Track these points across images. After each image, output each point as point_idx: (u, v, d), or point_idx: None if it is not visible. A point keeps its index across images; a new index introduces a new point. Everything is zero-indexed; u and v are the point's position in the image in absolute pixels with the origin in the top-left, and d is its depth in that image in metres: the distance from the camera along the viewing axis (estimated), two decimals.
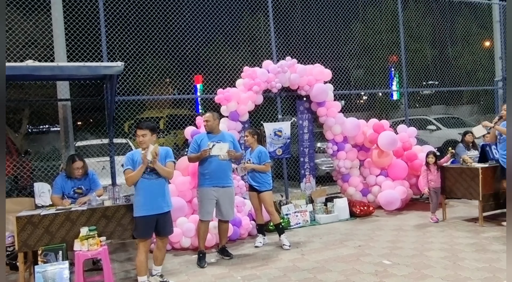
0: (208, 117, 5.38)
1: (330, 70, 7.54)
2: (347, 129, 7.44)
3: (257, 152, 5.87)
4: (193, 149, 5.40)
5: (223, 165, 5.32)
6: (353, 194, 7.59)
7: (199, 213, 5.38)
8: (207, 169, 5.29)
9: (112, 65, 4.93)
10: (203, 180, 5.32)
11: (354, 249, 5.46)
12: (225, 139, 5.39)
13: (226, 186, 5.35)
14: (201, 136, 5.46)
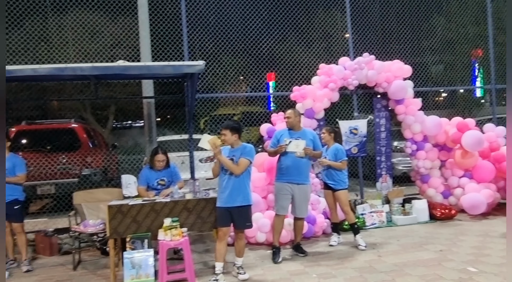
0: (289, 113, 5.43)
1: (409, 66, 7.23)
2: (428, 128, 7.09)
3: (334, 149, 5.83)
4: (272, 143, 5.51)
5: (300, 162, 5.32)
6: (433, 195, 7.22)
7: (274, 207, 5.48)
8: (283, 164, 5.36)
9: (194, 64, 5.15)
10: (279, 175, 5.40)
11: (435, 254, 5.21)
12: (306, 137, 5.38)
13: (301, 183, 5.36)
14: (281, 132, 5.52)
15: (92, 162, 8.57)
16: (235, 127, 4.74)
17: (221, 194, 4.71)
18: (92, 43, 9.71)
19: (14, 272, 5.31)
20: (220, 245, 4.68)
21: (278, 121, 6.73)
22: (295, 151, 5.25)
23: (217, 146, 4.58)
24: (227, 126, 4.72)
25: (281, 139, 5.36)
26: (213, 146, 4.56)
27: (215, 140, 4.57)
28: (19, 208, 5.46)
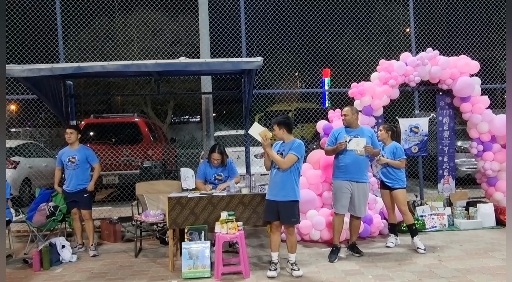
0: (346, 111, 5.34)
1: (477, 62, 6.82)
2: (497, 128, 6.66)
3: (392, 147, 5.67)
4: (330, 142, 5.44)
5: (359, 160, 5.23)
6: (501, 199, 6.78)
7: (334, 206, 5.41)
8: (342, 162, 5.27)
9: (253, 60, 5.19)
10: (338, 173, 5.32)
11: (502, 261, 4.90)
12: (364, 135, 5.28)
13: (360, 181, 5.26)
14: (338, 130, 5.44)
15: (152, 154, 8.93)
16: (282, 121, 4.73)
17: (269, 187, 4.76)
18: (155, 40, 10.09)
19: (81, 256, 5.67)
20: (274, 236, 4.73)
21: (335, 119, 6.63)
22: (355, 148, 5.16)
23: (267, 138, 4.61)
24: (276, 121, 4.76)
25: (339, 137, 5.28)
26: (264, 137, 4.59)
27: (266, 132, 4.60)
28: (88, 196, 5.82)
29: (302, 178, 6.19)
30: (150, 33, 10.35)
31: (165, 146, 10.23)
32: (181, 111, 18.86)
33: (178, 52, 8.67)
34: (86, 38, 8.65)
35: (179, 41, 9.51)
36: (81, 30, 8.17)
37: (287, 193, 4.63)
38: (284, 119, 4.78)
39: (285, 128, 4.71)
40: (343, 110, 5.41)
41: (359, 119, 5.55)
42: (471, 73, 6.82)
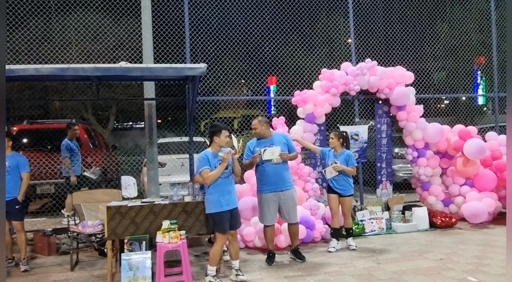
0: (255, 125, 5.35)
1: (412, 73, 7.22)
2: (429, 135, 7.07)
3: (345, 154, 5.84)
4: (247, 156, 5.38)
5: (279, 168, 5.26)
6: (434, 203, 7.19)
7: (261, 219, 5.38)
8: (263, 174, 5.28)
9: (196, 67, 5.14)
10: (262, 186, 5.31)
11: (435, 262, 5.17)
12: (278, 142, 5.31)
13: (285, 189, 5.30)
14: (253, 142, 5.41)
15: (92, 162, 8.55)
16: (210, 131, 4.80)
17: (222, 197, 4.65)
18: (95, 44, 9.72)
19: (12, 271, 5.28)
20: (219, 248, 4.68)
21: (279, 126, 6.72)
22: (271, 158, 5.19)
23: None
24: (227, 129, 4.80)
25: (255, 150, 5.29)
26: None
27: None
28: (20, 206, 5.45)
29: (246, 185, 6.22)
30: (90, 36, 9.97)
31: (105, 153, 9.85)
32: (124, 117, 18.29)
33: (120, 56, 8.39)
34: (19, 39, 8.14)
35: (121, 45, 9.23)
36: (15, 31, 7.69)
37: (237, 198, 4.87)
38: (213, 127, 4.83)
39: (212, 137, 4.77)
40: (252, 124, 5.40)
41: (269, 128, 5.54)
42: (406, 83, 7.19)
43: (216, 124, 4.88)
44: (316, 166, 7.05)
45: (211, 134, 4.76)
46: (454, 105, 12.01)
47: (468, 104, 15.21)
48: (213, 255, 4.65)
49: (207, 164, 4.61)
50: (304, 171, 6.62)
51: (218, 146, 4.73)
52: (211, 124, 5.00)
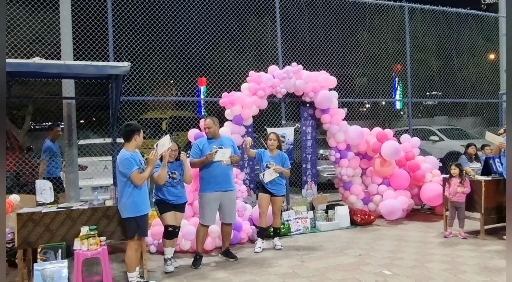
0: (209, 123, 5.34)
1: (335, 78, 7.54)
2: (350, 137, 7.43)
3: (281, 156, 5.96)
4: (195, 154, 5.37)
5: (226, 169, 5.35)
6: (355, 202, 7.57)
7: (201, 218, 5.37)
8: (210, 174, 5.28)
9: (119, 65, 4.94)
10: (207, 185, 5.30)
11: (354, 258, 5.44)
12: (227, 144, 5.40)
13: (229, 190, 5.38)
14: (202, 141, 5.44)
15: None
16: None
17: (143, 200, 4.53)
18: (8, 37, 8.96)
19: None
20: (134, 253, 4.53)
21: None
22: (221, 159, 5.24)
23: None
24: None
25: (204, 149, 5.30)
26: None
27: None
28: None
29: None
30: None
31: (19, 155, 9.11)
32: (42, 117, 17.07)
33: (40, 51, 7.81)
34: None
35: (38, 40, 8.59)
36: None
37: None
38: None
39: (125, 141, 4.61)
40: (205, 123, 5.40)
41: (220, 129, 5.65)
42: (330, 87, 7.49)
43: (134, 123, 4.70)
44: (244, 168, 7.10)
45: (131, 133, 4.51)
46: (375, 109, 12.81)
47: (387, 109, 16.27)
48: (129, 261, 4.48)
49: (135, 165, 4.43)
50: None
51: (135, 145, 4.55)
52: (127, 123, 4.78)
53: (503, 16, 10.66)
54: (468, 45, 11.59)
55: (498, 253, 5.45)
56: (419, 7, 9.35)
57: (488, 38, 11.55)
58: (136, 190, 4.45)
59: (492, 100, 10.73)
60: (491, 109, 10.93)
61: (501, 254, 5.39)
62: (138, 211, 4.46)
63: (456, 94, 10.90)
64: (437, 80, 11.81)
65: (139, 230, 4.49)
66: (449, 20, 10.09)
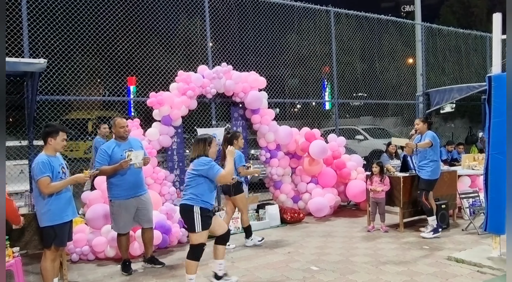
0: (123, 122, 5.04)
1: (265, 78, 7.63)
2: (280, 137, 7.56)
3: (239, 155, 5.84)
4: (103, 160, 4.91)
5: (138, 173, 5.09)
6: (285, 200, 7.71)
7: (116, 227, 5.05)
8: (123, 180, 4.95)
9: (34, 62, 4.62)
10: (119, 191, 4.96)
11: (283, 256, 5.53)
12: (136, 146, 5.14)
13: (144, 193, 5.17)
14: (110, 145, 5.02)
15: None
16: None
17: (67, 207, 4.27)
18: None
19: None
20: (51, 263, 4.22)
21: (134, 128, 6.44)
22: (134, 162, 4.93)
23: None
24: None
25: (114, 154, 4.95)
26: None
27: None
28: None
29: (96, 192, 5.81)
30: None
31: None
32: None
33: None
34: None
35: None
36: None
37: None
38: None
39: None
40: (122, 121, 5.05)
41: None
42: (260, 88, 7.57)
43: (53, 125, 4.38)
44: (174, 169, 6.95)
45: (44, 136, 4.22)
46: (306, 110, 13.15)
47: (317, 109, 16.81)
48: (45, 273, 4.18)
49: (48, 171, 4.10)
50: (160, 174, 6.47)
51: (53, 149, 4.24)
52: (46, 124, 4.48)
53: (419, 23, 11.46)
54: (389, 50, 12.33)
55: (415, 244, 5.83)
56: (344, 12, 9.76)
57: (407, 44, 12.36)
58: (54, 196, 4.15)
59: (410, 101, 11.49)
60: (409, 110, 11.69)
61: (417, 245, 5.78)
62: (56, 219, 4.15)
63: (379, 95, 11.54)
64: (361, 82, 12.42)
65: (56, 239, 4.18)
66: (371, 26, 10.64)
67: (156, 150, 6.61)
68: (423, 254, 5.38)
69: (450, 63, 13.22)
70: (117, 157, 4.91)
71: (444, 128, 17.34)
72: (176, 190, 6.75)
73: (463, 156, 8.71)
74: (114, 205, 5.01)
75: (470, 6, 26.75)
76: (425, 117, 6.74)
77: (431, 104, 10.99)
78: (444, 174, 6.92)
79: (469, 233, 6.31)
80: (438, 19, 22.97)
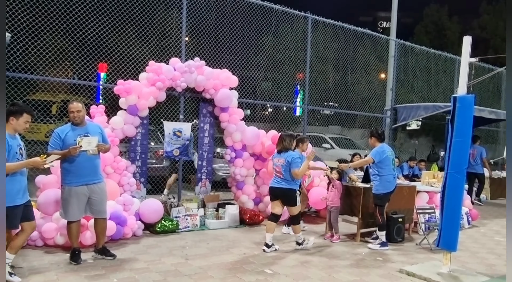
0: (80, 107, 4.85)
1: (237, 78, 7.58)
2: (247, 138, 7.53)
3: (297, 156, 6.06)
4: (55, 144, 4.78)
5: (94, 160, 4.93)
6: (246, 201, 7.67)
7: (66, 214, 4.88)
8: (74, 166, 4.78)
9: None
10: (71, 178, 4.80)
11: (239, 256, 5.49)
12: (94, 132, 4.97)
13: (97, 182, 4.99)
14: (64, 129, 4.86)
15: None
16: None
17: (20, 188, 4.23)
18: None
19: None
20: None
21: (98, 115, 6.26)
22: (87, 148, 4.77)
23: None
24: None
25: (67, 139, 4.79)
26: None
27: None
28: None
29: (51, 176, 5.61)
30: None
31: None
32: None
33: None
34: None
35: None
36: None
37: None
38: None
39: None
40: (74, 106, 4.84)
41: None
42: (231, 86, 7.51)
43: (19, 104, 4.28)
44: (136, 160, 6.79)
45: (8, 113, 4.12)
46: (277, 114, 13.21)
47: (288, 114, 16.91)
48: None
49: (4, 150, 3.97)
50: (121, 164, 6.30)
51: (13, 129, 4.15)
52: (12, 102, 4.33)
53: (393, 39, 11.74)
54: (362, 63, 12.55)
55: (369, 255, 5.93)
56: (322, 20, 9.85)
57: (380, 58, 12.63)
58: (9, 177, 4.03)
59: (378, 115, 11.73)
60: (377, 123, 11.93)
61: (371, 256, 5.88)
62: (7, 201, 3.99)
63: (349, 106, 11.73)
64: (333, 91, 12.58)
65: (7, 221, 3.99)
66: (347, 37, 10.80)
67: (119, 139, 6.43)
68: (376, 265, 5.46)
69: (419, 81, 13.60)
70: (70, 141, 4.76)
71: (409, 144, 17.85)
72: (136, 182, 6.59)
73: (423, 173, 8.95)
74: (64, 191, 4.85)
75: (444, 28, 27.71)
76: (374, 132, 6.56)
77: (398, 119, 11.26)
78: (403, 188, 7.09)
79: (422, 248, 6.47)
80: (412, 38, 23.62)
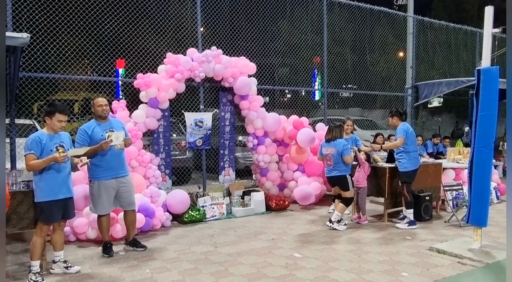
0: (106, 101, 4.95)
1: (255, 65, 7.54)
2: (268, 124, 7.51)
3: (352, 137, 6.96)
4: (83, 141, 4.82)
5: (119, 154, 5.01)
6: (270, 188, 7.69)
7: (96, 208, 4.98)
8: (103, 160, 4.88)
9: (16, 36, 4.45)
10: (100, 172, 4.89)
11: (267, 242, 5.52)
12: (117, 127, 5.05)
13: (125, 175, 5.08)
14: (90, 126, 4.93)
15: None
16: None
17: (55, 184, 4.31)
18: None
19: None
20: (40, 240, 4.27)
21: (120, 109, 6.33)
22: (115, 143, 4.84)
23: None
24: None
25: (94, 135, 4.86)
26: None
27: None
28: None
29: (79, 172, 5.72)
30: None
31: None
32: None
33: None
34: None
35: None
36: None
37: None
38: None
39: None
40: (100, 100, 4.94)
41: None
42: (249, 74, 7.48)
43: (54, 104, 4.37)
44: (159, 152, 6.87)
45: (44, 114, 4.30)
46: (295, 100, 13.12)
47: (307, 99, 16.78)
48: (32, 248, 4.21)
49: (36, 148, 4.14)
50: (145, 157, 6.39)
51: (50, 128, 4.30)
52: (50, 102, 4.45)
53: (411, 16, 11.44)
54: (380, 42, 12.29)
55: (397, 235, 5.87)
56: (337, 1, 9.66)
57: (398, 36, 12.34)
58: (44, 173, 4.20)
59: (399, 93, 11.51)
60: (398, 103, 11.71)
61: (399, 235, 5.82)
62: (43, 196, 4.21)
63: (368, 87, 11.53)
64: (351, 73, 12.39)
65: (42, 215, 4.23)
66: (364, 17, 10.57)
67: (142, 132, 6.51)
68: (405, 245, 5.42)
69: (439, 57, 13.25)
70: (98, 137, 4.84)
71: (431, 122, 17.49)
72: (162, 174, 6.67)
73: (448, 149, 8.77)
74: (93, 186, 4.95)
75: (462, 1, 26.85)
76: (395, 111, 6.44)
77: (419, 97, 11.03)
78: (429, 166, 6.97)
79: (451, 225, 6.38)
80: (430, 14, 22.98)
